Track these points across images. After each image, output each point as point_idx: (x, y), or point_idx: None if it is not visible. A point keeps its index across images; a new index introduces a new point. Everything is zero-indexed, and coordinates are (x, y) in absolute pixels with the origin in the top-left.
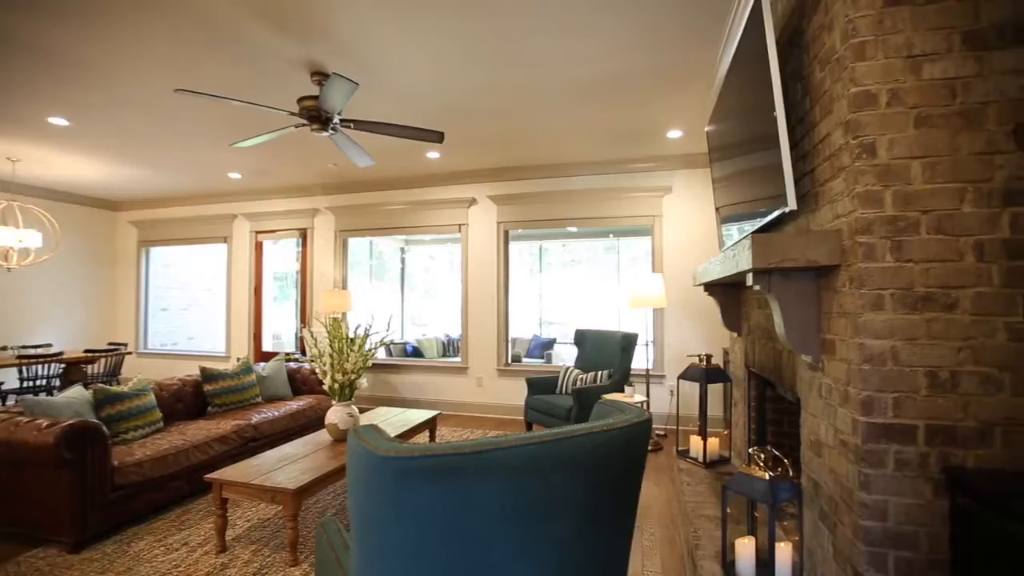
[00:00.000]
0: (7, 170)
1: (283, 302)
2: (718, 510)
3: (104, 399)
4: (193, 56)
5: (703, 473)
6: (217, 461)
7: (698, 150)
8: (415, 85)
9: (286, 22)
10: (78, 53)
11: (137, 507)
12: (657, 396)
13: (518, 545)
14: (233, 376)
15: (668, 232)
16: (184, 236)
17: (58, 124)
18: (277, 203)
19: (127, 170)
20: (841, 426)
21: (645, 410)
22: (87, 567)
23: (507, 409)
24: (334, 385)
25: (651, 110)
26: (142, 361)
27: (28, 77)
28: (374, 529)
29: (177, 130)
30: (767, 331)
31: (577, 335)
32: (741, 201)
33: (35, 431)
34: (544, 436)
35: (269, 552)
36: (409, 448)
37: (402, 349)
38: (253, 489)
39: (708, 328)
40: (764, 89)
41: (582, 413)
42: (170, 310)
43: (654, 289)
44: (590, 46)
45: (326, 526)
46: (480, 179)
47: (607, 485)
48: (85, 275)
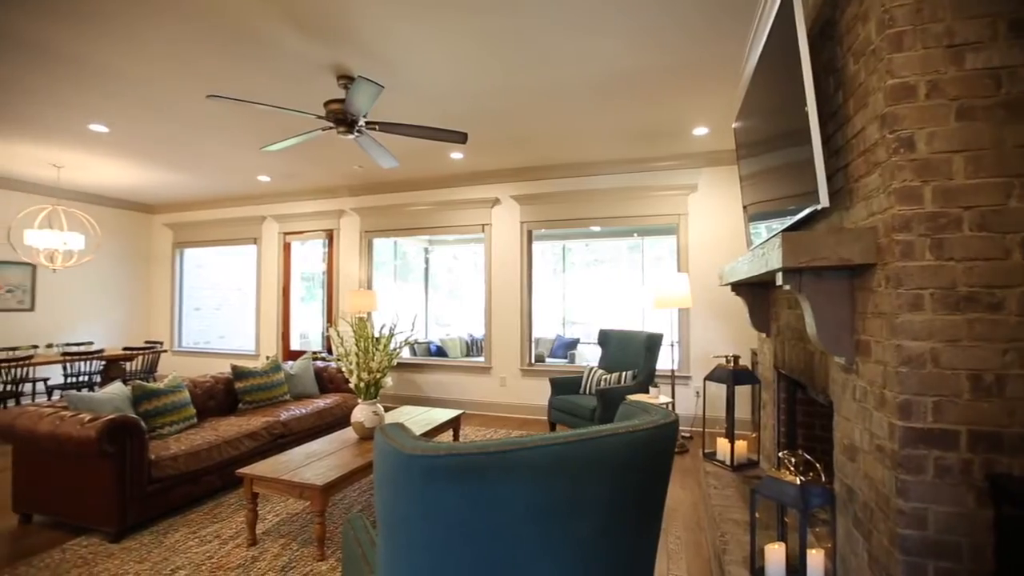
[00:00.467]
0: (52, 176)
1: (310, 302)
2: (746, 514)
3: (142, 395)
4: (224, 63)
5: (730, 476)
6: (247, 457)
7: (724, 147)
8: (438, 86)
9: (312, 26)
10: (116, 62)
11: (172, 500)
12: (682, 397)
13: (543, 545)
14: (263, 374)
15: (693, 231)
16: (216, 238)
17: (98, 131)
18: (304, 205)
19: (162, 174)
20: (877, 430)
21: (672, 412)
22: (126, 556)
23: (530, 409)
24: (360, 384)
25: (675, 107)
26: (176, 359)
27: (71, 86)
28: (400, 527)
29: (209, 135)
30: (798, 332)
31: (601, 335)
32: (770, 199)
33: (78, 425)
34: (569, 436)
35: (297, 546)
36: (435, 447)
37: (426, 348)
38: (282, 485)
39: (735, 328)
40: (795, 83)
41: (606, 414)
42: (203, 309)
43: (679, 289)
44: (611, 44)
45: (353, 522)
46: (503, 179)
47: (633, 487)
48: (123, 276)
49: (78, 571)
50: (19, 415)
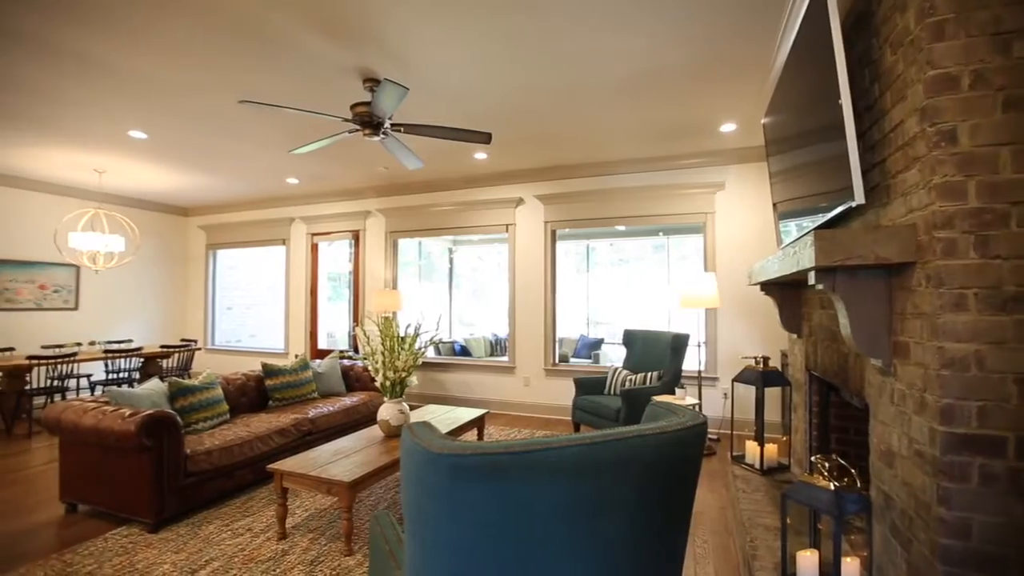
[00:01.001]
0: (94, 181)
1: (337, 301)
2: (776, 519)
3: (178, 391)
4: (254, 69)
5: (760, 480)
6: (277, 452)
7: (753, 144)
8: (462, 87)
9: (339, 31)
10: (154, 71)
11: (206, 493)
12: (710, 399)
13: (568, 545)
14: (292, 372)
15: (721, 229)
16: (247, 239)
17: (138, 137)
18: (331, 206)
19: (196, 178)
20: (916, 435)
21: (700, 413)
22: (164, 546)
23: (554, 409)
24: (386, 382)
25: (702, 104)
26: (210, 356)
27: (112, 95)
28: (427, 524)
29: (241, 139)
30: (831, 333)
31: (626, 335)
32: (801, 196)
33: (119, 419)
34: (595, 437)
35: (326, 541)
36: (462, 446)
37: (450, 348)
38: (311, 480)
39: (764, 329)
40: (828, 76)
41: (631, 414)
42: (234, 309)
43: (706, 288)
44: (637, 42)
45: (380, 519)
46: (527, 179)
47: (660, 489)
48: (160, 276)
49: (119, 560)
50: (65, 409)
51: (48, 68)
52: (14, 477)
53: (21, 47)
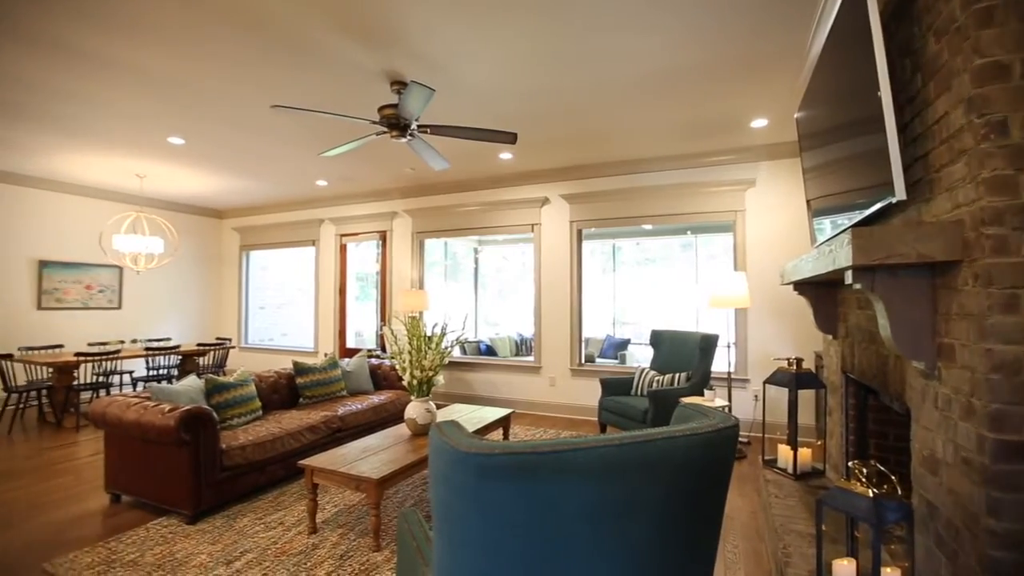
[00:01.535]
0: (136, 185)
1: (364, 301)
2: (810, 526)
3: (213, 388)
4: (285, 74)
5: (793, 485)
6: (308, 449)
7: (785, 139)
8: (487, 87)
9: (367, 35)
10: (191, 79)
11: (241, 487)
12: (740, 401)
13: (596, 546)
14: (321, 370)
15: (751, 227)
16: (278, 240)
17: (176, 143)
18: (359, 207)
19: (230, 181)
20: (963, 442)
21: (731, 415)
22: (201, 537)
23: (580, 409)
24: (413, 381)
25: (732, 99)
26: (243, 355)
27: (153, 103)
28: (455, 523)
29: (272, 143)
30: (869, 334)
31: (653, 336)
32: (837, 192)
33: (160, 414)
34: (624, 438)
35: (354, 537)
36: (490, 445)
37: (476, 348)
38: (340, 476)
39: (796, 330)
40: (866, 67)
41: (659, 416)
42: (266, 308)
43: (736, 288)
44: (664, 37)
45: (407, 516)
46: (553, 178)
47: (690, 492)
48: (196, 276)
49: (160, 549)
50: (110, 404)
51: (96, 78)
52: (63, 467)
53: (73, 59)
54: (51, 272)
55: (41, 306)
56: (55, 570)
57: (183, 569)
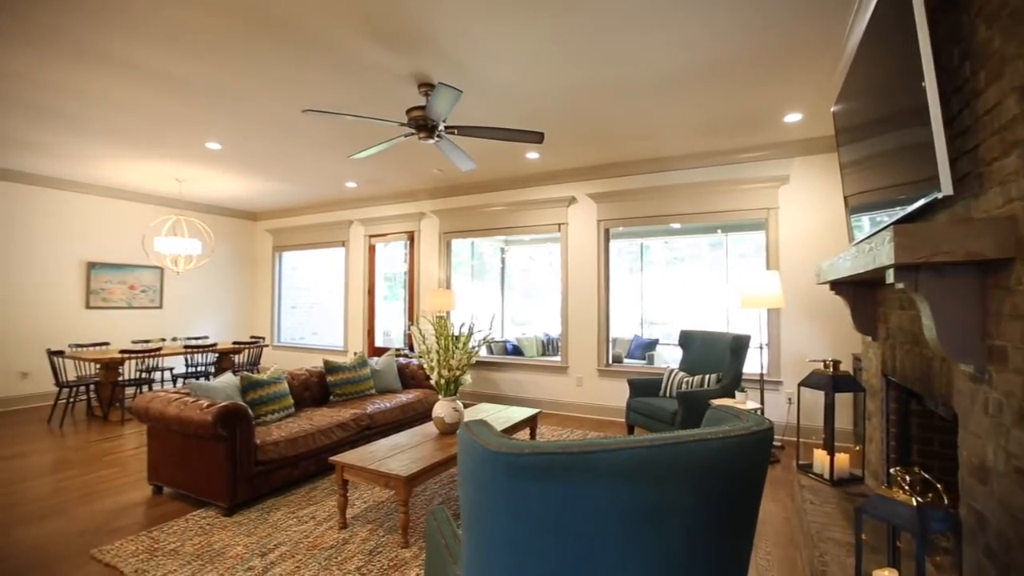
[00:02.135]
0: (175, 189)
1: (392, 301)
2: (848, 534)
3: (248, 385)
4: (316, 79)
5: (829, 491)
6: (338, 446)
7: (821, 134)
8: (514, 87)
9: (395, 39)
10: (228, 85)
11: (274, 481)
12: (772, 403)
13: (626, 549)
14: (351, 369)
15: (785, 225)
16: (309, 241)
17: (213, 148)
18: (387, 208)
19: (264, 184)
20: (1017, 450)
21: (765, 418)
22: (236, 529)
23: (607, 410)
24: (440, 380)
25: (765, 93)
26: (276, 353)
27: (192, 110)
28: (484, 521)
29: (304, 146)
30: (912, 335)
31: (682, 336)
32: (877, 188)
33: (198, 410)
34: (654, 440)
35: (383, 533)
36: (519, 445)
37: (502, 347)
38: (369, 473)
39: (832, 331)
40: (909, 56)
41: (688, 418)
42: (298, 308)
43: (769, 288)
44: (694, 32)
45: (436, 514)
46: (579, 177)
47: (721, 496)
48: (231, 277)
49: (199, 539)
50: (152, 399)
51: (139, 87)
52: (110, 459)
53: (118, 70)
54: (98, 273)
55: (89, 305)
56: (103, 556)
57: (220, 559)
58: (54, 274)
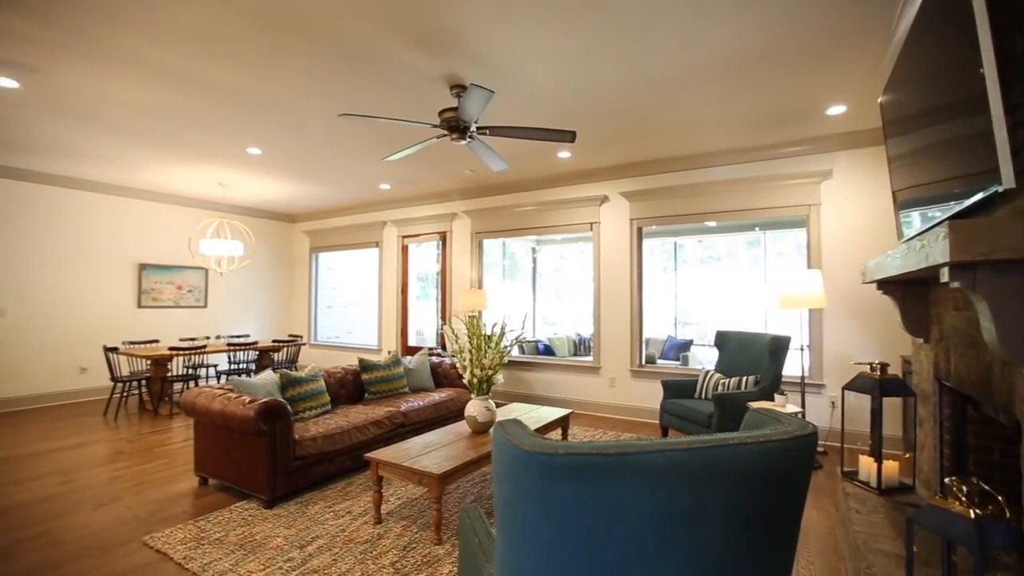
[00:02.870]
0: (219, 193)
1: (425, 300)
2: (897, 546)
3: (287, 382)
4: (351, 84)
5: (877, 500)
6: (372, 442)
7: (866, 126)
8: (545, 86)
9: (427, 42)
10: (268, 92)
11: (312, 476)
12: (814, 407)
13: (662, 553)
14: (385, 367)
15: (827, 222)
16: (344, 242)
17: (254, 153)
18: (420, 209)
19: (302, 187)
20: None
21: (809, 423)
22: (276, 521)
23: (640, 411)
24: (473, 380)
25: (806, 85)
26: (313, 351)
27: (234, 116)
28: (518, 520)
29: (339, 150)
30: (968, 337)
31: (718, 337)
32: (929, 182)
33: (241, 405)
34: (693, 442)
35: (417, 529)
36: (553, 445)
37: (534, 347)
38: (403, 470)
39: (879, 332)
40: (966, 41)
41: (724, 420)
42: (333, 307)
43: (810, 287)
44: (731, 25)
45: (469, 512)
46: (612, 176)
47: (761, 502)
48: (270, 278)
49: (241, 530)
50: (198, 395)
51: (184, 95)
52: (160, 451)
53: (164, 79)
54: (149, 274)
55: (140, 304)
56: (154, 543)
57: (261, 550)
58: (109, 275)
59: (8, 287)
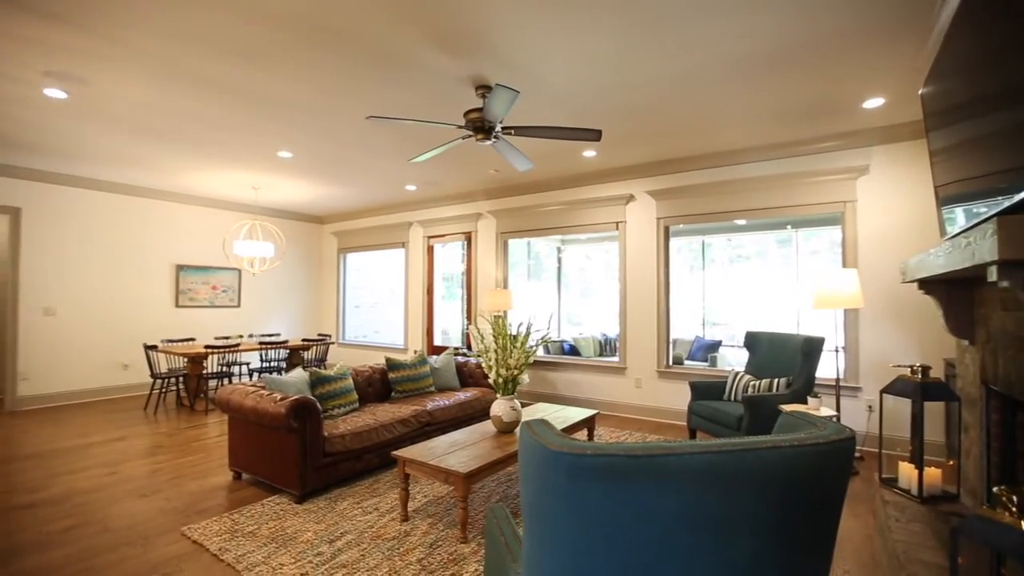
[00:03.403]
0: (251, 196)
1: (450, 300)
2: (939, 556)
3: (317, 380)
4: (378, 87)
5: (918, 509)
6: (399, 440)
7: (905, 119)
8: (571, 85)
9: (452, 44)
10: (296, 97)
11: (340, 472)
12: (850, 411)
13: (690, 557)
14: (411, 366)
15: (864, 220)
16: (371, 243)
17: (285, 157)
18: (445, 210)
19: (330, 189)
20: None
21: (846, 427)
22: (306, 516)
23: (667, 413)
24: (498, 380)
25: (841, 78)
26: (341, 350)
27: (266, 121)
28: (545, 521)
29: (366, 152)
30: (1018, 339)
31: (748, 338)
32: (975, 176)
33: (272, 403)
34: (724, 445)
35: (443, 527)
36: (581, 445)
37: (559, 347)
38: (430, 469)
39: (919, 333)
40: (1015, 26)
41: (755, 423)
42: (361, 307)
43: (846, 286)
44: (764, 15)
45: (495, 511)
46: (638, 174)
47: (796, 508)
48: (300, 278)
49: (273, 524)
50: (232, 391)
51: (219, 102)
52: (196, 446)
53: (199, 86)
54: (185, 275)
55: (178, 304)
56: (191, 534)
57: (292, 544)
58: (150, 276)
59: (58, 288)
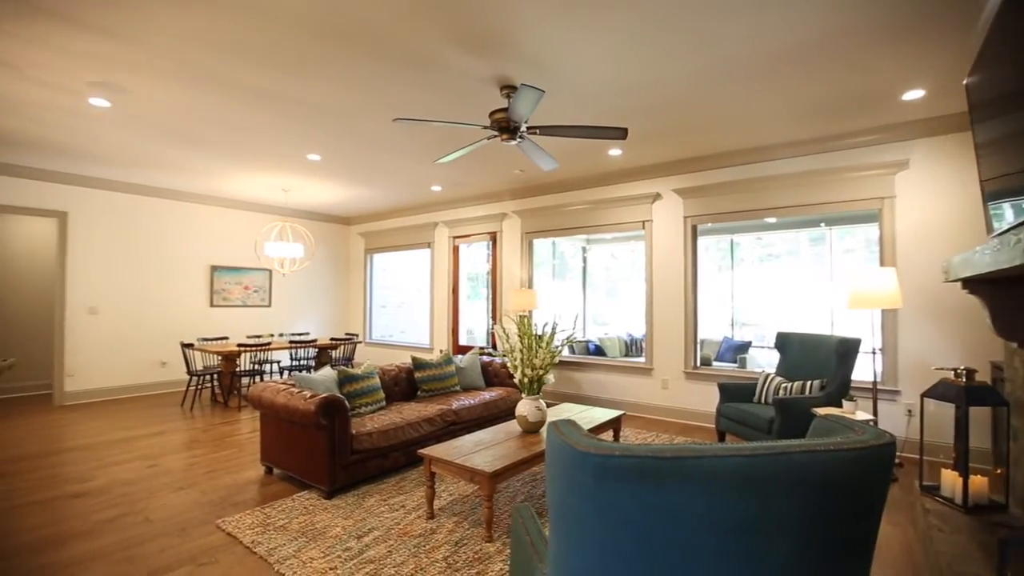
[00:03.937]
0: (281, 198)
1: (475, 300)
2: (986, 569)
3: (345, 379)
4: (404, 89)
5: (962, 519)
6: (425, 439)
7: (948, 111)
8: (597, 83)
9: (477, 44)
10: (324, 101)
11: (368, 470)
12: (887, 415)
13: (719, 561)
14: (437, 366)
15: (903, 216)
16: (397, 243)
17: (314, 160)
18: (470, 210)
19: (357, 190)
20: None
21: (886, 432)
22: (335, 512)
23: (694, 415)
24: (524, 379)
25: (879, 69)
26: (368, 349)
27: (295, 125)
28: (572, 522)
29: (393, 153)
30: None
31: (779, 338)
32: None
33: (302, 400)
34: (756, 448)
35: (468, 526)
36: (609, 446)
37: (584, 347)
38: (455, 468)
39: (964, 335)
40: None
41: (786, 426)
42: (387, 307)
43: (884, 285)
44: (795, 5)
45: (521, 511)
46: (664, 172)
47: (831, 514)
48: (328, 278)
49: (303, 518)
50: (264, 389)
51: (250, 106)
52: (230, 441)
53: (231, 92)
54: (220, 275)
55: (213, 304)
56: (226, 527)
57: (321, 538)
58: (186, 277)
59: (100, 288)
